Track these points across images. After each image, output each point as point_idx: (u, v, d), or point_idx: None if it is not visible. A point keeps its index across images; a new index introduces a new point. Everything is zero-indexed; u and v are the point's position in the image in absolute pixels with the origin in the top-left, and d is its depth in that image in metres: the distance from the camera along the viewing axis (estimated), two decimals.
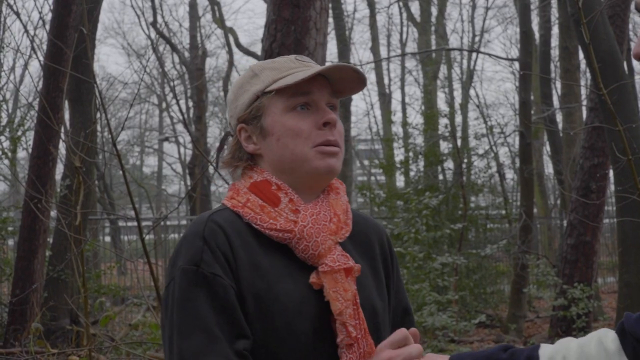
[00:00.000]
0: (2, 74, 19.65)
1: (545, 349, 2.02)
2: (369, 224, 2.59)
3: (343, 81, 2.40)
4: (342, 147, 2.37)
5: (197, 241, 2.22)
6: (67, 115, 13.27)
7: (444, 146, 19.79)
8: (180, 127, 34.10)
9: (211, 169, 24.92)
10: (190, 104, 27.99)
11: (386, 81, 31.06)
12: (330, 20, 21.20)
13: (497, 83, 54.56)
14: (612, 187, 12.41)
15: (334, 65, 2.32)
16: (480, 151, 20.36)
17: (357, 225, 2.50)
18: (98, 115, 8.16)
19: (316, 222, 2.30)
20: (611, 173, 11.05)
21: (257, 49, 29.17)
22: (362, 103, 64.84)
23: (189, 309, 2.15)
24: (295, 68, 2.39)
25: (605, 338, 1.97)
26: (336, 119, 2.36)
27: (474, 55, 29.41)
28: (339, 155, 2.36)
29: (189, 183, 28.66)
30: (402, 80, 31.33)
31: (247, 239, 2.27)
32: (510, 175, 25.26)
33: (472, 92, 30.03)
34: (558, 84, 22.28)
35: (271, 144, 2.36)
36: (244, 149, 2.42)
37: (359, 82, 2.40)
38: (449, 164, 19.37)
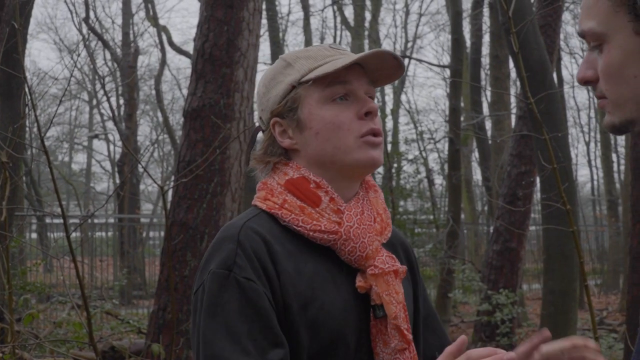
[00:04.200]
0: None
1: None
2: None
3: (379, 70, 2.24)
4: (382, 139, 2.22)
5: (230, 244, 2.06)
6: None
7: None
8: (110, 125, 33.74)
9: (140, 168, 24.76)
10: (121, 101, 27.77)
11: None
12: (264, 21, 21.21)
13: (429, 89, 55.32)
14: (538, 195, 12.59)
15: (374, 52, 2.16)
16: (410, 156, 20.52)
17: None
18: (27, 110, 8.07)
19: (361, 222, 2.15)
20: (538, 181, 11.21)
21: (190, 47, 28.94)
22: None
23: (218, 315, 1.99)
24: (331, 56, 2.21)
25: None
26: (377, 109, 2.20)
27: (406, 60, 29.64)
28: (382, 146, 2.20)
29: (117, 181, 28.37)
30: None
31: (286, 244, 2.10)
32: (439, 180, 25.43)
33: (403, 97, 30.26)
34: (488, 92, 22.55)
35: (309, 138, 2.18)
36: (279, 144, 2.24)
37: (397, 69, 2.25)
38: (379, 168, 19.45)
